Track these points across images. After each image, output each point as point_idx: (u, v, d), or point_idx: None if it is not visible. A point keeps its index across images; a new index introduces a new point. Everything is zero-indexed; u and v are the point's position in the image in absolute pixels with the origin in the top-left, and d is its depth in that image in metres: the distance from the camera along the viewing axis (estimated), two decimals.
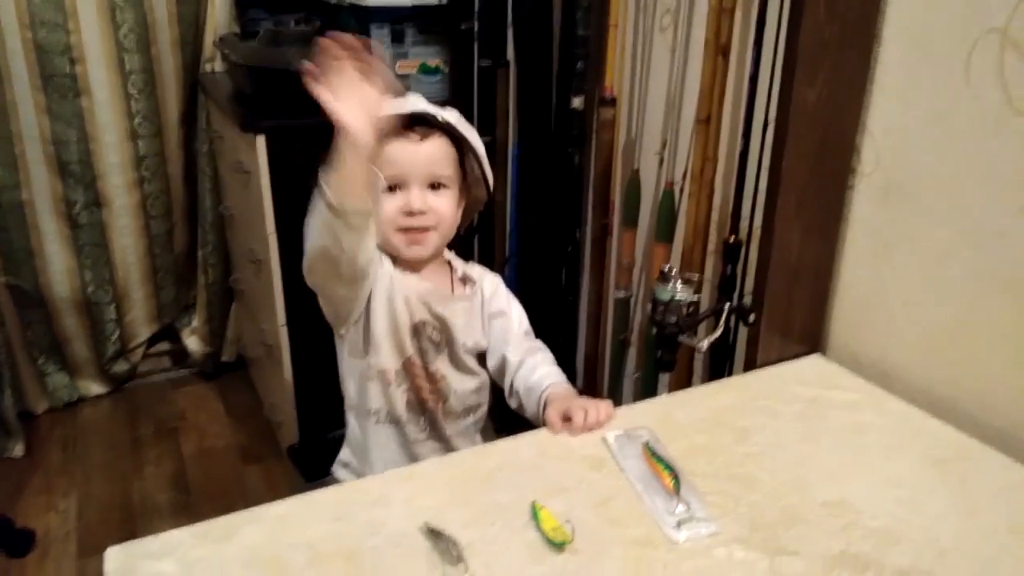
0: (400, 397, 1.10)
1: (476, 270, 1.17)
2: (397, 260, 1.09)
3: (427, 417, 1.12)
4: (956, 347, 1.08)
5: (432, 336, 1.10)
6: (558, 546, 0.81)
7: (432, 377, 1.12)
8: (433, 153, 1.05)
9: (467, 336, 1.12)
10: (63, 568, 1.78)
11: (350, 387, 1.14)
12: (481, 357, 1.16)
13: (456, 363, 1.13)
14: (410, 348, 1.09)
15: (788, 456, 0.98)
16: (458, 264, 1.16)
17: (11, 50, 2.00)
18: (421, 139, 1.04)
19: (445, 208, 1.07)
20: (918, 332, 1.13)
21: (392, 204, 1.04)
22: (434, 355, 1.12)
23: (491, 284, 1.16)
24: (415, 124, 1.04)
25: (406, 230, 1.05)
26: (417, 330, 1.09)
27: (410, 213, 1.04)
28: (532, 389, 1.09)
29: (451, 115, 1.08)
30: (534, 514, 0.85)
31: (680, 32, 1.43)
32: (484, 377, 1.17)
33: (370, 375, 1.09)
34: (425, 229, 1.06)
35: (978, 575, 0.80)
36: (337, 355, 1.15)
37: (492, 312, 1.14)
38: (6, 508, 1.91)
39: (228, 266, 2.43)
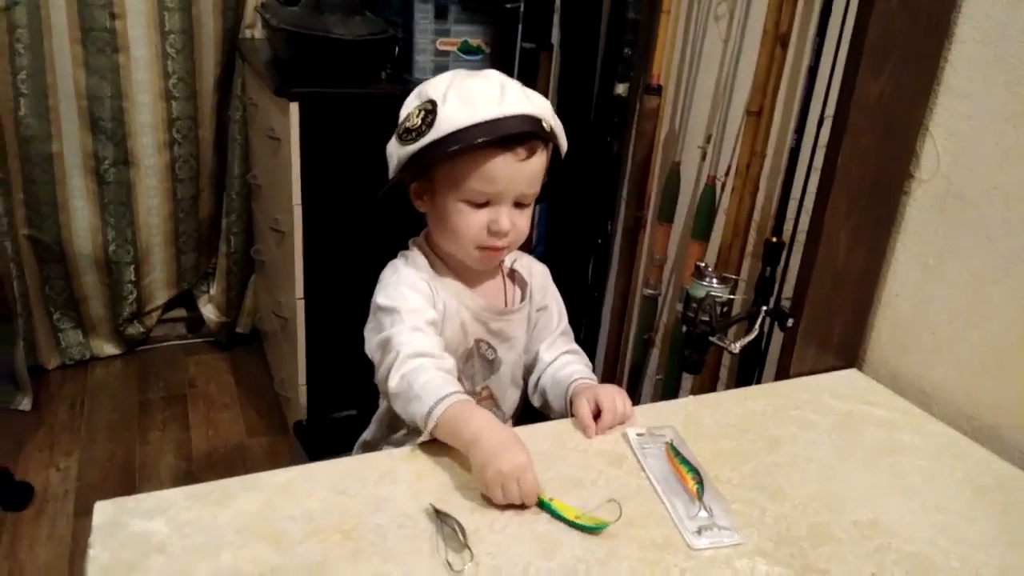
0: None
1: (524, 262, 1.09)
2: (452, 268, 1.01)
3: None
4: (1005, 371, 1.02)
5: (486, 355, 1.04)
6: (594, 530, 0.77)
7: (477, 397, 1.05)
8: (534, 171, 0.94)
9: (522, 345, 1.07)
10: (58, 526, 1.75)
11: (384, 399, 1.06)
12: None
13: (506, 379, 1.06)
14: (457, 371, 1.01)
15: (819, 470, 0.92)
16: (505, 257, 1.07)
17: (53, 2, 1.98)
18: (527, 157, 0.92)
19: (525, 226, 0.97)
20: (965, 352, 1.06)
21: (477, 220, 0.94)
22: (484, 375, 1.05)
23: (539, 278, 1.09)
24: (521, 139, 0.91)
25: (485, 248, 0.96)
26: (470, 354, 1.02)
27: (496, 233, 0.95)
28: (559, 382, 1.03)
29: (545, 108, 0.95)
30: (547, 508, 0.80)
31: (736, 20, 1.37)
32: (523, 386, 1.11)
33: None
34: (503, 247, 0.97)
35: None
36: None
37: (538, 307, 1.08)
38: (7, 461, 1.89)
39: (251, 237, 2.40)
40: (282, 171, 1.80)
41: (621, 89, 1.51)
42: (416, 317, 0.93)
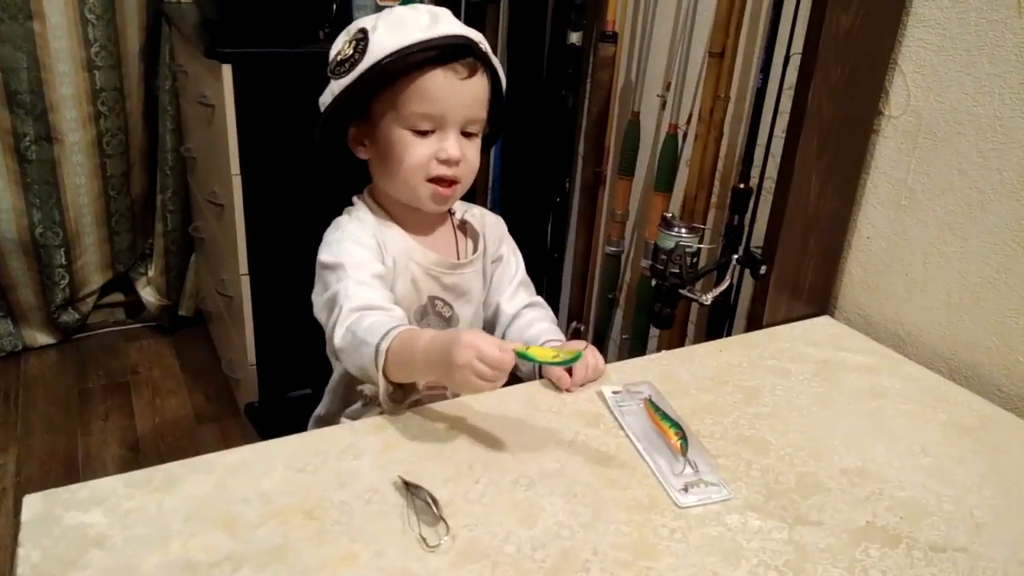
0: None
1: (475, 212, 1.03)
2: (399, 221, 0.96)
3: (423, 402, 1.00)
4: (982, 309, 0.99)
5: (442, 312, 0.98)
6: (572, 361, 0.79)
7: None
8: (476, 92, 0.89)
9: (480, 300, 1.01)
10: None
11: (338, 364, 1.01)
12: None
13: None
14: None
15: (802, 419, 0.89)
16: (456, 206, 1.02)
17: None
18: (467, 76, 0.87)
19: (476, 159, 0.92)
20: (940, 292, 1.04)
21: (424, 150, 0.89)
22: None
23: (493, 228, 1.03)
24: (458, 55, 0.87)
25: (436, 180, 0.90)
26: (424, 311, 0.97)
27: (446, 161, 0.89)
28: (527, 344, 0.98)
29: (479, 35, 0.91)
30: (527, 358, 0.77)
31: None
32: None
33: None
34: (455, 181, 0.91)
35: (1020, 554, 0.71)
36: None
37: (493, 259, 1.03)
38: None
39: (188, 213, 2.28)
40: (218, 140, 1.70)
41: (575, 38, 1.44)
42: (361, 271, 0.88)
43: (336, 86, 0.89)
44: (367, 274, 0.88)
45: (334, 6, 1.78)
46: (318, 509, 0.69)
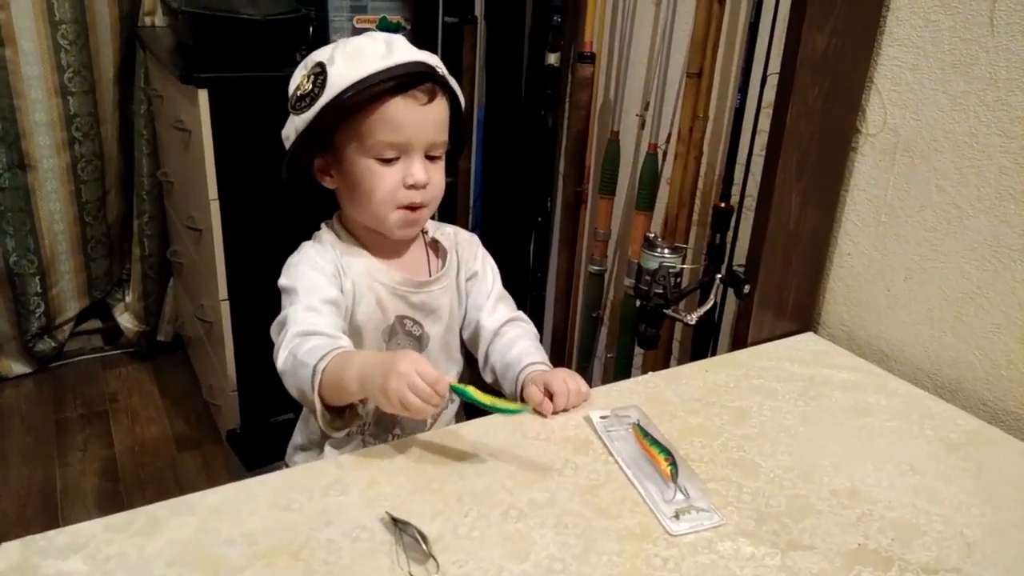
0: (367, 406, 0.93)
1: (447, 231, 1.03)
2: (366, 244, 0.96)
3: (400, 426, 0.99)
4: (964, 323, 1.00)
5: (412, 331, 0.97)
6: (516, 412, 0.79)
7: None
8: (438, 117, 0.91)
9: (453, 317, 1.00)
10: None
11: None
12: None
13: (437, 354, 1.00)
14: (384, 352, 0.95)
15: (789, 440, 0.89)
16: (428, 226, 1.02)
17: None
18: (428, 101, 0.89)
19: (441, 181, 0.93)
20: (922, 307, 1.04)
21: (392, 177, 0.89)
22: None
23: (466, 245, 1.03)
24: (417, 81, 0.88)
25: (405, 207, 0.91)
26: (393, 331, 0.96)
27: (413, 187, 0.90)
28: (510, 366, 0.97)
29: (436, 59, 0.93)
30: (462, 394, 0.77)
31: None
32: (463, 363, 1.05)
33: None
34: (423, 205, 0.92)
35: (1012, 574, 0.71)
36: None
37: (468, 275, 1.02)
38: None
39: (166, 238, 2.26)
40: (194, 165, 1.69)
41: (552, 59, 1.45)
42: (312, 296, 0.88)
43: (299, 121, 0.89)
44: (317, 299, 0.88)
45: (311, 29, 1.77)
46: (304, 549, 0.68)
